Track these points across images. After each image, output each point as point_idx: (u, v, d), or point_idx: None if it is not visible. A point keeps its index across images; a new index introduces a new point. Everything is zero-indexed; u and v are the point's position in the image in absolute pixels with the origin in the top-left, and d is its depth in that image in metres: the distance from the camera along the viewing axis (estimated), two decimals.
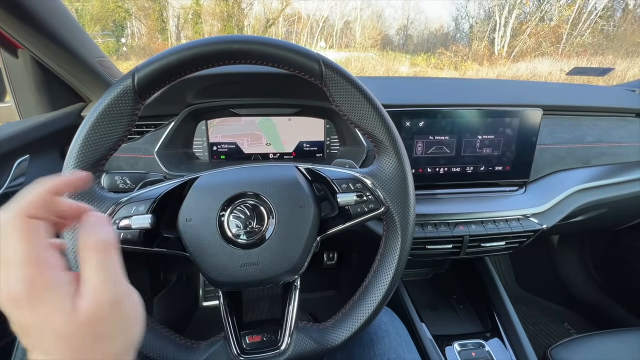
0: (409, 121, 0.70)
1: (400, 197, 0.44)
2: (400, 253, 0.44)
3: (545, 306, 1.35)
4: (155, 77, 0.39)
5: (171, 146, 0.74)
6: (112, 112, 0.38)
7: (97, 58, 0.67)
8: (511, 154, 0.75)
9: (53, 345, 0.22)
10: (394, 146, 0.44)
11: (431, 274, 1.01)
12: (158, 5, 16.99)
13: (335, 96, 0.43)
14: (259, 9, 19.23)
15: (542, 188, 0.77)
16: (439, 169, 0.75)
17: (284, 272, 0.41)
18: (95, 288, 0.24)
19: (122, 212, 0.41)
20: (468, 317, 0.84)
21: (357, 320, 0.43)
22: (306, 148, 0.84)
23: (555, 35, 13.55)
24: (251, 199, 0.42)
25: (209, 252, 0.40)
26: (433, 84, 0.87)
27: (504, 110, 0.72)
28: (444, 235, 0.70)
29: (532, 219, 0.74)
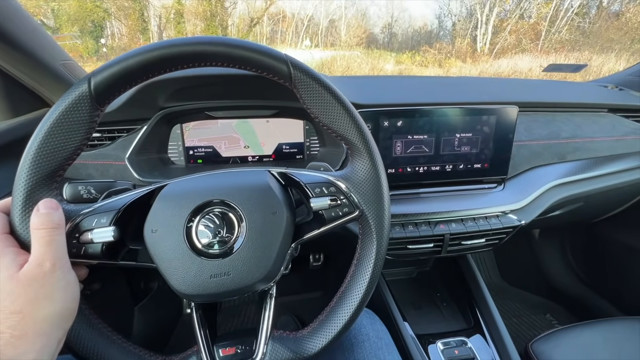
0: (387, 121, 0.70)
1: (375, 200, 0.43)
2: (376, 256, 0.43)
3: (528, 299, 1.38)
4: (113, 82, 0.37)
5: (144, 152, 0.72)
6: (68, 119, 0.36)
7: (61, 61, 0.64)
8: (489, 151, 0.76)
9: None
10: (367, 148, 0.43)
11: (416, 272, 1.01)
12: (138, 5, 16.59)
13: (305, 98, 0.42)
14: (242, 8, 19.03)
15: (520, 184, 0.78)
16: (418, 168, 0.74)
17: (257, 281, 0.40)
18: (39, 257, 0.32)
19: (83, 225, 0.39)
20: (451, 314, 0.84)
21: (334, 327, 0.42)
22: (286, 150, 0.83)
23: (534, 32, 13.92)
24: (220, 206, 0.41)
25: (176, 264, 0.39)
26: (411, 83, 0.87)
27: (481, 108, 0.72)
28: (425, 235, 0.70)
29: (511, 215, 0.75)
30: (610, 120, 0.90)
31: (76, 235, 0.38)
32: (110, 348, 0.39)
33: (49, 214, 0.34)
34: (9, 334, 0.29)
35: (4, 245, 0.33)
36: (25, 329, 0.30)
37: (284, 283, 1.48)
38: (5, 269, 0.31)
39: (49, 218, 0.34)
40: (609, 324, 0.76)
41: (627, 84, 1.04)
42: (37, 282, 0.31)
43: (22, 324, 0.30)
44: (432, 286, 0.95)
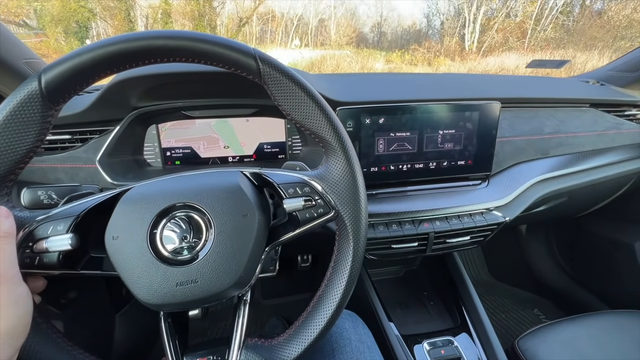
0: (368, 118, 0.68)
1: (351, 199, 0.41)
2: (353, 258, 0.42)
3: (516, 294, 1.39)
4: (66, 79, 0.34)
5: (117, 153, 0.69)
6: (17, 120, 0.34)
7: (24, 59, 0.61)
8: (473, 147, 0.75)
9: None
10: (342, 146, 0.41)
11: (403, 271, 1.00)
12: (124, 5, 16.28)
13: (276, 94, 0.40)
14: (231, 8, 18.85)
15: (504, 181, 0.78)
16: (401, 166, 0.73)
17: (228, 288, 0.38)
18: None
19: (38, 232, 0.36)
20: (438, 313, 0.83)
21: (310, 334, 0.41)
22: (267, 150, 0.81)
23: (520, 31, 14.14)
24: (187, 210, 0.38)
25: (139, 273, 0.36)
26: (393, 80, 0.85)
27: (464, 104, 0.71)
28: (409, 234, 0.69)
29: (495, 212, 0.75)
30: (592, 115, 0.91)
31: (29, 244, 0.36)
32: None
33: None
34: None
35: None
36: None
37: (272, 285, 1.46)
38: None
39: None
40: (595, 319, 0.76)
41: (608, 79, 1.04)
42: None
43: None
44: (419, 285, 0.94)
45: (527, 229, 1.37)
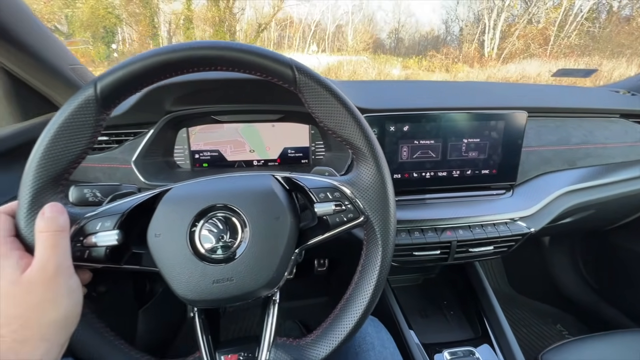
0: (393, 126, 0.69)
1: (380, 205, 0.42)
2: (382, 263, 0.42)
3: (538, 308, 1.35)
4: (119, 86, 0.37)
5: (150, 155, 0.72)
6: (74, 123, 0.36)
7: (70, 65, 0.65)
8: (497, 157, 0.74)
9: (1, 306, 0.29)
10: (372, 153, 0.42)
11: (421, 279, 0.99)
12: (149, 11, 16.92)
13: (310, 102, 0.41)
14: (250, 14, 19.27)
15: (529, 191, 0.77)
16: (425, 173, 0.73)
17: (260, 287, 0.40)
18: (42, 260, 0.32)
19: (87, 228, 0.39)
20: (458, 323, 0.82)
21: (338, 335, 0.42)
22: (291, 154, 0.83)
23: (542, 37, 13.81)
24: (224, 211, 0.40)
25: (179, 269, 0.38)
26: (417, 87, 0.86)
27: (489, 113, 0.71)
28: (431, 241, 0.69)
29: (520, 222, 0.74)
30: (623, 126, 0.88)
31: (80, 238, 0.38)
32: (113, 353, 0.39)
33: (54, 218, 0.34)
34: (10, 339, 0.29)
35: (9, 248, 0.33)
36: (27, 334, 0.30)
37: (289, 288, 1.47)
38: (9, 273, 0.31)
39: (54, 221, 0.34)
40: (622, 336, 0.73)
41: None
42: (40, 287, 0.31)
43: (24, 329, 0.30)
44: (438, 294, 0.93)
45: (551, 240, 1.33)
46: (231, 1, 17.77)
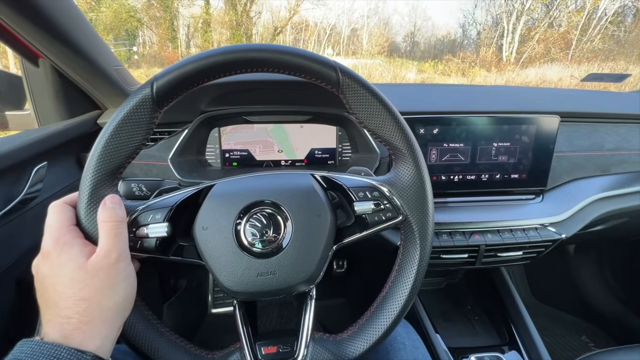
0: (422, 128, 0.70)
1: (419, 205, 0.43)
2: (420, 263, 0.43)
3: (561, 318, 1.31)
4: (173, 86, 0.39)
5: (184, 153, 0.75)
6: (131, 120, 0.39)
7: (114, 67, 0.68)
8: (528, 161, 0.73)
9: (65, 291, 0.31)
10: (412, 154, 0.43)
11: (444, 283, 0.99)
12: (169, 15, 17.38)
13: (352, 104, 0.42)
14: (267, 18, 19.54)
15: (560, 196, 0.75)
16: (453, 176, 0.73)
17: (301, 282, 0.41)
18: (106, 248, 0.34)
19: (140, 219, 0.41)
20: (483, 328, 0.81)
21: (375, 332, 0.42)
22: (318, 155, 0.84)
23: (564, 41, 13.45)
24: (268, 207, 0.42)
25: (225, 261, 0.40)
26: (447, 91, 0.86)
27: (521, 117, 0.71)
28: (459, 245, 0.69)
29: (550, 228, 0.72)
30: None
31: (133, 229, 0.40)
32: (160, 340, 0.40)
33: (114, 208, 0.36)
34: (77, 319, 0.31)
35: (73, 236, 0.35)
36: (91, 316, 0.32)
37: None
38: (75, 259, 0.33)
39: (115, 212, 0.36)
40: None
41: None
42: (103, 272, 0.33)
43: (88, 311, 0.32)
44: (462, 298, 0.92)
45: (576, 248, 1.30)
46: (248, 5, 18.07)
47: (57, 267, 0.33)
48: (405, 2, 22.09)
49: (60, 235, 0.34)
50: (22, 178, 0.56)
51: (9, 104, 0.68)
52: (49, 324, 0.31)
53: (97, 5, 14.83)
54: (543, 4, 14.50)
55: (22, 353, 0.28)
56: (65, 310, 0.31)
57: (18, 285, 0.56)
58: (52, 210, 0.36)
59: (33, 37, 0.54)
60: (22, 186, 0.55)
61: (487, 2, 16.84)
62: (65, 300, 0.31)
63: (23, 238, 0.56)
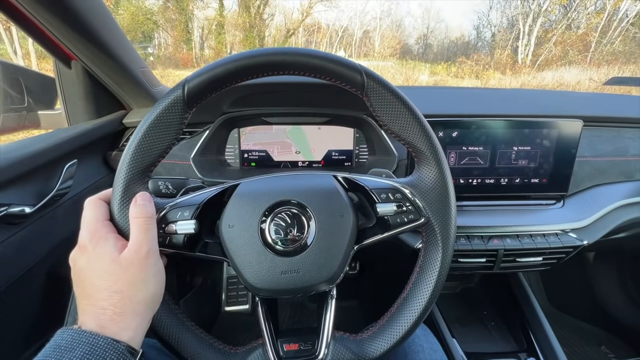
0: (442, 131, 0.69)
1: (441, 207, 0.43)
2: (441, 265, 0.43)
3: (579, 326, 1.28)
4: (203, 88, 0.40)
5: (205, 153, 0.76)
6: (163, 121, 0.40)
7: (141, 68, 0.71)
8: (548, 166, 0.72)
9: (100, 283, 0.33)
10: (435, 156, 0.43)
11: (460, 287, 0.98)
12: (184, 17, 17.73)
13: (375, 106, 0.43)
14: (279, 20, 19.72)
15: (582, 202, 0.74)
16: (472, 180, 0.73)
17: (323, 281, 0.41)
18: (137, 243, 0.35)
19: (169, 216, 0.42)
20: (500, 334, 0.80)
21: (396, 333, 0.42)
22: (335, 157, 0.85)
23: (583, 44, 13.11)
24: (292, 207, 0.43)
25: (250, 259, 0.41)
26: (466, 94, 0.85)
27: (542, 121, 0.70)
28: (478, 249, 0.68)
29: (572, 234, 0.71)
30: None
31: (162, 226, 0.42)
32: (186, 334, 0.42)
33: (145, 205, 0.38)
34: (111, 311, 0.32)
35: (107, 230, 0.36)
36: (124, 308, 0.33)
37: None
38: (109, 253, 0.34)
39: (145, 209, 0.38)
40: None
41: None
42: (135, 267, 0.34)
43: (122, 303, 0.33)
44: (477, 303, 0.91)
45: (596, 256, 1.26)
46: (261, 7, 18.28)
47: (93, 260, 0.34)
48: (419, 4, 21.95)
49: (96, 229, 0.36)
50: (54, 175, 0.59)
51: (41, 104, 0.71)
52: (85, 313, 0.33)
53: (116, 8, 15.24)
54: (561, 6, 14.19)
55: (63, 340, 0.30)
56: (101, 301, 0.33)
57: (49, 276, 0.59)
58: (88, 205, 0.38)
59: (68, 40, 0.57)
60: (54, 183, 0.58)
61: (503, 4, 16.59)
62: (100, 292, 0.33)
63: (55, 232, 0.59)
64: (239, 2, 17.99)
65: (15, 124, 0.66)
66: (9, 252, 0.50)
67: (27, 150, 0.53)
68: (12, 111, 0.64)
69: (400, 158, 0.75)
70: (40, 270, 0.57)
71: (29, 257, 0.54)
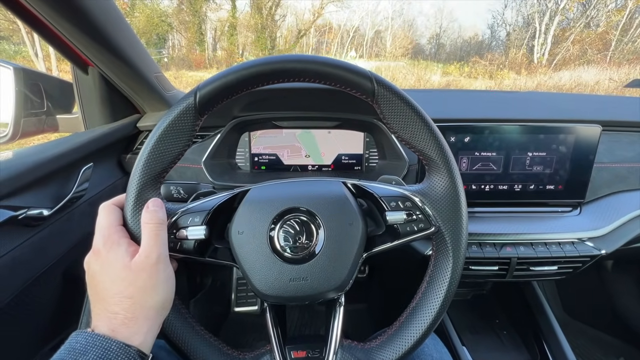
0: (453, 136, 0.68)
1: (452, 216, 0.42)
2: (452, 275, 0.42)
3: (597, 337, 1.24)
4: (215, 95, 0.41)
5: (216, 156, 0.77)
6: (175, 127, 0.41)
7: (155, 73, 0.72)
8: (565, 172, 0.70)
9: (112, 288, 0.34)
10: (446, 164, 0.42)
11: (471, 294, 0.96)
12: (197, 19, 18.00)
13: (386, 113, 0.42)
14: (291, 21, 19.80)
15: (600, 210, 0.72)
16: (484, 186, 0.71)
17: (332, 289, 0.41)
18: (147, 249, 0.36)
19: (180, 222, 0.43)
20: (513, 343, 0.78)
21: (405, 343, 0.42)
22: (345, 161, 0.85)
23: (602, 42, 12.71)
24: (301, 214, 0.43)
25: (259, 266, 0.41)
26: (478, 97, 0.84)
27: (558, 127, 0.68)
28: (490, 256, 0.67)
29: (589, 243, 0.69)
30: None
31: (174, 231, 0.42)
32: (195, 338, 0.42)
33: (156, 211, 0.38)
34: (123, 315, 0.33)
35: (120, 235, 0.37)
36: (135, 313, 0.34)
37: None
38: (121, 258, 0.35)
39: (156, 215, 0.38)
40: None
41: None
42: (146, 272, 0.35)
43: (133, 308, 0.34)
44: (489, 311, 0.89)
45: (615, 265, 1.22)
46: (273, 8, 18.40)
47: (106, 265, 0.35)
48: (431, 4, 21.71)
49: (109, 234, 0.37)
50: (70, 178, 0.61)
51: (60, 108, 0.73)
52: (98, 317, 0.34)
53: (132, 11, 15.61)
54: (579, 3, 13.79)
55: (78, 343, 0.31)
56: (113, 306, 0.33)
57: (65, 277, 0.61)
58: (102, 210, 0.39)
59: (86, 47, 0.58)
60: (70, 185, 0.59)
61: (518, 2, 16.24)
62: (112, 296, 0.34)
63: (71, 234, 0.60)
64: (251, 4, 18.15)
65: (35, 127, 0.68)
66: (28, 253, 0.51)
67: (45, 155, 0.55)
68: (32, 115, 0.66)
69: (410, 163, 0.74)
70: (56, 271, 0.58)
71: (46, 258, 0.56)
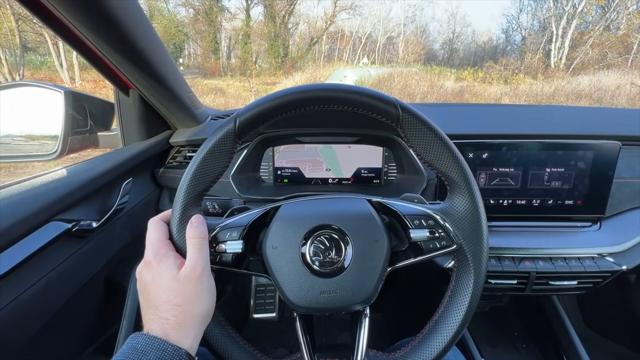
0: (472, 153, 0.71)
1: (474, 235, 0.45)
2: (473, 291, 0.45)
3: (619, 352, 1.21)
4: (252, 121, 0.45)
5: (243, 171, 0.82)
6: (216, 151, 0.45)
7: (187, 94, 0.77)
8: (584, 188, 0.71)
9: (162, 297, 0.37)
10: (468, 186, 0.45)
11: (489, 306, 0.97)
12: (212, 29, 18.50)
13: (410, 137, 0.45)
14: (303, 28, 20.08)
15: (621, 225, 0.72)
16: (502, 200, 0.73)
17: (359, 302, 0.44)
18: (193, 261, 0.40)
19: (219, 237, 0.47)
20: (532, 357, 0.79)
21: (428, 355, 0.44)
22: (364, 174, 0.88)
23: (623, 45, 12.37)
24: (331, 230, 0.46)
25: (292, 279, 0.44)
26: (495, 112, 0.86)
27: (577, 143, 0.69)
28: (509, 270, 0.68)
29: (609, 258, 0.69)
30: None
31: (214, 245, 0.46)
32: (232, 345, 0.46)
33: (199, 227, 0.42)
34: (173, 321, 0.37)
35: (168, 249, 0.41)
36: (184, 320, 0.37)
37: None
38: (170, 269, 0.39)
39: (199, 230, 0.42)
40: None
41: None
42: (192, 283, 0.39)
43: (182, 316, 0.37)
44: (507, 324, 0.90)
45: (637, 278, 1.20)
46: (286, 17, 18.74)
47: (157, 276, 0.39)
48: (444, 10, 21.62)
49: (159, 247, 0.41)
50: (113, 192, 0.66)
51: (100, 126, 0.79)
52: (151, 322, 0.38)
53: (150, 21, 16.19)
54: (598, 6, 13.48)
55: (139, 344, 0.35)
56: (164, 312, 0.37)
57: (107, 283, 0.66)
58: (151, 225, 0.43)
59: (129, 72, 0.64)
60: (114, 199, 0.65)
61: (534, 6, 16.02)
62: (163, 304, 0.37)
63: (112, 243, 0.65)
64: (265, 13, 18.54)
65: (79, 144, 0.74)
66: (78, 261, 0.56)
67: (93, 171, 0.60)
68: (77, 134, 0.72)
69: (429, 178, 0.77)
70: (99, 279, 0.63)
71: (92, 267, 0.61)
